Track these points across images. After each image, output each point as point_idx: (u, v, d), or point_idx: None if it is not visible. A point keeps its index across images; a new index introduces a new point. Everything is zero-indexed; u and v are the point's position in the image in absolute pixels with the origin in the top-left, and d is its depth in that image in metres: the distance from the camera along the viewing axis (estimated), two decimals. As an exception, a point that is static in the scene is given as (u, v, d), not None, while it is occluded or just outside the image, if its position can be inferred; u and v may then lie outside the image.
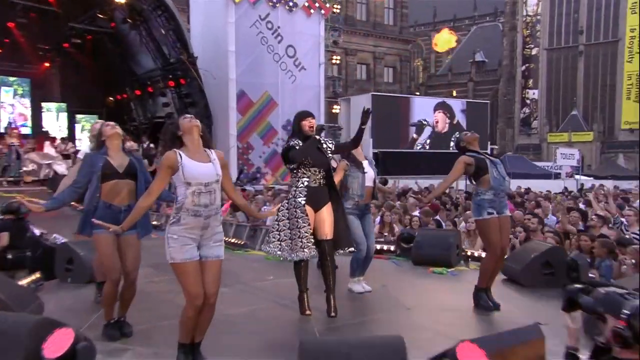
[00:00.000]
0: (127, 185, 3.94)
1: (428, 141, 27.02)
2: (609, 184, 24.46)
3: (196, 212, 3.25)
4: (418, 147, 26.60)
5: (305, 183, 4.71)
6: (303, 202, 4.66)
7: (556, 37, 45.20)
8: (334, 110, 24.24)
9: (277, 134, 19.44)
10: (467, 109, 28.22)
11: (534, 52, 44.79)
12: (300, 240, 4.63)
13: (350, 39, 36.95)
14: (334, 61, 25.44)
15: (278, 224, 4.75)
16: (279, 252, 4.70)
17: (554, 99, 44.87)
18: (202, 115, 16.68)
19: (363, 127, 4.85)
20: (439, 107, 27.66)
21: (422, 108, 27.10)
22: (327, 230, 4.73)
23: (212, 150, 3.48)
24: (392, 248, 7.64)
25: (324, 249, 4.71)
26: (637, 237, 7.77)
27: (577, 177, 26.44)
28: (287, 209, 4.73)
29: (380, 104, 20.99)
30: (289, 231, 4.69)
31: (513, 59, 45.87)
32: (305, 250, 4.63)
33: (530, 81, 44.78)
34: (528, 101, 45.40)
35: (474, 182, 5.12)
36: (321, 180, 4.79)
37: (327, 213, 4.76)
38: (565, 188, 22.22)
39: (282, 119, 19.22)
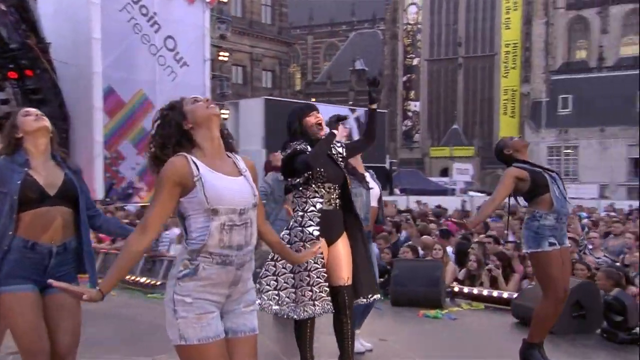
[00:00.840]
0: (60, 214, 2.81)
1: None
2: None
3: (225, 259, 2.25)
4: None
5: (319, 206, 3.74)
6: (317, 234, 3.67)
7: (437, 48, 48.34)
8: (222, 115, 22.61)
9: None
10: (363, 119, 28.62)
11: (415, 62, 47.23)
12: (310, 288, 3.62)
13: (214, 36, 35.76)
14: (221, 58, 24.03)
15: (275, 265, 3.72)
16: (276, 307, 3.67)
17: (436, 111, 47.81)
18: (57, 117, 14.71)
19: (374, 107, 3.95)
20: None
21: (323, 116, 26.87)
22: (346, 272, 3.77)
23: (238, 157, 2.47)
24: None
25: (343, 300, 3.72)
26: (600, 261, 7.81)
27: (471, 193, 28.12)
28: (289, 242, 3.70)
29: (275, 110, 19.99)
30: (292, 275, 3.71)
31: (394, 68, 48.01)
32: (317, 303, 3.63)
33: (412, 92, 47.07)
34: (410, 113, 47.71)
35: (525, 203, 4.38)
36: (337, 201, 3.84)
37: (343, 247, 3.80)
38: (463, 204, 23.55)
39: (160, 123, 17.47)
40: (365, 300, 3.91)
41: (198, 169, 2.25)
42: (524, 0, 45.13)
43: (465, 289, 6.49)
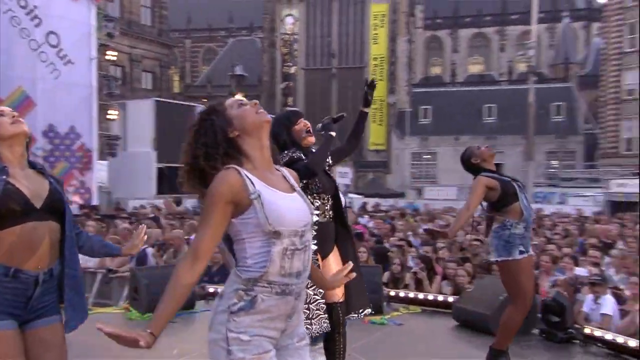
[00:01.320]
0: (49, 231, 2.27)
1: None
2: (373, 202, 28.01)
3: (285, 288, 1.93)
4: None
5: (314, 218, 3.27)
6: (314, 248, 3.23)
7: (312, 58, 49.08)
8: (109, 116, 20.92)
9: (34, 142, 15.71)
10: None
11: (292, 70, 47.44)
12: (307, 306, 3.21)
13: (101, 35, 33.28)
14: (107, 57, 22.12)
15: None
16: None
17: (312, 117, 48.18)
18: None
19: (366, 111, 3.85)
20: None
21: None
22: (339, 288, 3.32)
23: (283, 169, 2.17)
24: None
25: (338, 318, 3.40)
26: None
27: (350, 195, 28.80)
28: None
29: (165, 112, 18.86)
30: None
31: (273, 75, 47.94)
32: (315, 322, 3.28)
33: (290, 99, 47.24)
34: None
35: (492, 211, 4.29)
36: (329, 213, 3.54)
37: (335, 261, 3.51)
38: (349, 205, 24.11)
39: (43, 123, 15.61)
40: (356, 315, 3.60)
41: (253, 184, 1.91)
42: (390, 18, 47.19)
43: (402, 293, 6.41)
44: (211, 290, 6.70)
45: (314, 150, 3.59)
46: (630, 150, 34.18)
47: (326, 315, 3.37)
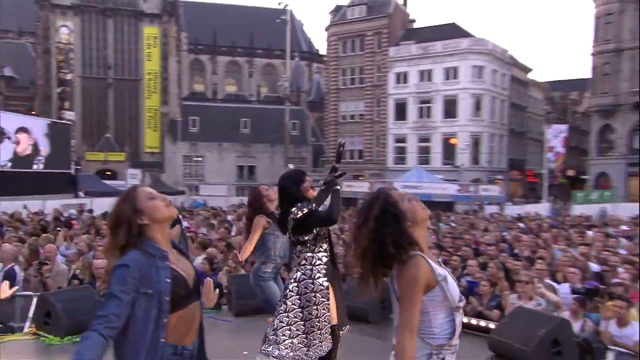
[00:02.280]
0: (198, 309, 2.21)
1: (9, 164, 23.91)
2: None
3: (455, 349, 2.14)
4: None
5: (324, 259, 3.65)
6: (326, 284, 3.59)
7: (89, 67, 48.11)
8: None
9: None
10: (49, 131, 26.35)
11: (69, 77, 45.93)
12: (319, 333, 3.52)
13: None
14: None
15: (288, 316, 3.51)
16: (291, 354, 3.45)
17: (90, 122, 47.58)
18: None
19: (337, 166, 3.68)
20: (20, 129, 24.44)
21: (7, 124, 24.65)
22: (336, 313, 3.71)
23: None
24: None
25: (336, 338, 3.70)
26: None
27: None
28: (298, 294, 3.55)
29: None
30: (303, 323, 3.52)
31: (48, 80, 45.57)
32: (324, 343, 3.56)
33: (67, 103, 45.77)
34: (64, 122, 46.15)
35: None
36: (329, 252, 3.74)
37: (332, 291, 3.69)
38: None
39: None
40: (341, 332, 3.76)
41: (436, 269, 2.05)
42: (161, 40, 49.27)
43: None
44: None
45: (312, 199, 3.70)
46: (345, 159, 44.34)
47: (330, 337, 3.58)
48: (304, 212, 3.54)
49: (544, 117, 49.25)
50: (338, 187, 3.61)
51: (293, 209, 3.57)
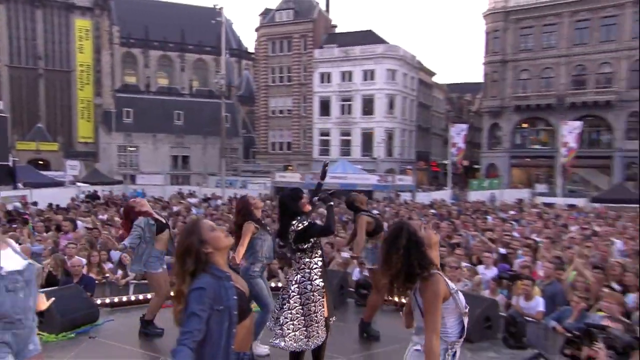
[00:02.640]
0: (252, 319, 2.44)
1: None
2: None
3: (460, 344, 2.57)
4: None
5: (320, 263, 3.94)
6: (322, 284, 3.89)
7: (17, 57, 44.24)
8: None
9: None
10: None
11: (-4, 66, 42.19)
12: (317, 325, 3.81)
13: None
14: None
15: (291, 312, 3.77)
16: (294, 344, 3.74)
17: (20, 111, 43.82)
18: None
19: (322, 182, 4.12)
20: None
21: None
22: (327, 306, 3.97)
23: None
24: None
25: (329, 327, 3.98)
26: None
27: (79, 184, 27.30)
28: (299, 294, 3.81)
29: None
30: (303, 318, 3.79)
31: (-27, 69, 41.43)
32: (321, 334, 3.84)
33: (-5, 92, 42.09)
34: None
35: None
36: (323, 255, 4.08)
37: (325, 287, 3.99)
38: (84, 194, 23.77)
39: None
40: (331, 321, 4.01)
41: (449, 284, 2.48)
42: (93, 33, 46.50)
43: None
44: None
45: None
46: (275, 150, 44.83)
47: (324, 327, 3.84)
48: (304, 224, 3.84)
49: (444, 115, 52.81)
50: (332, 203, 4.02)
51: (294, 222, 3.85)
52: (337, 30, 46.43)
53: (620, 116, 33.03)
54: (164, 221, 5.46)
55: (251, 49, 58.28)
